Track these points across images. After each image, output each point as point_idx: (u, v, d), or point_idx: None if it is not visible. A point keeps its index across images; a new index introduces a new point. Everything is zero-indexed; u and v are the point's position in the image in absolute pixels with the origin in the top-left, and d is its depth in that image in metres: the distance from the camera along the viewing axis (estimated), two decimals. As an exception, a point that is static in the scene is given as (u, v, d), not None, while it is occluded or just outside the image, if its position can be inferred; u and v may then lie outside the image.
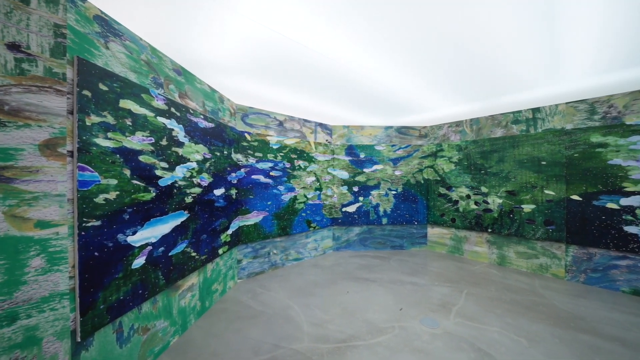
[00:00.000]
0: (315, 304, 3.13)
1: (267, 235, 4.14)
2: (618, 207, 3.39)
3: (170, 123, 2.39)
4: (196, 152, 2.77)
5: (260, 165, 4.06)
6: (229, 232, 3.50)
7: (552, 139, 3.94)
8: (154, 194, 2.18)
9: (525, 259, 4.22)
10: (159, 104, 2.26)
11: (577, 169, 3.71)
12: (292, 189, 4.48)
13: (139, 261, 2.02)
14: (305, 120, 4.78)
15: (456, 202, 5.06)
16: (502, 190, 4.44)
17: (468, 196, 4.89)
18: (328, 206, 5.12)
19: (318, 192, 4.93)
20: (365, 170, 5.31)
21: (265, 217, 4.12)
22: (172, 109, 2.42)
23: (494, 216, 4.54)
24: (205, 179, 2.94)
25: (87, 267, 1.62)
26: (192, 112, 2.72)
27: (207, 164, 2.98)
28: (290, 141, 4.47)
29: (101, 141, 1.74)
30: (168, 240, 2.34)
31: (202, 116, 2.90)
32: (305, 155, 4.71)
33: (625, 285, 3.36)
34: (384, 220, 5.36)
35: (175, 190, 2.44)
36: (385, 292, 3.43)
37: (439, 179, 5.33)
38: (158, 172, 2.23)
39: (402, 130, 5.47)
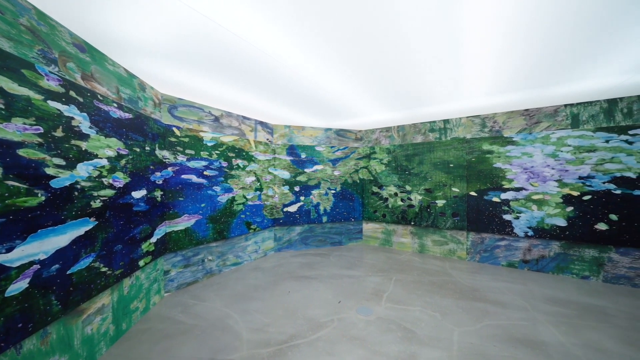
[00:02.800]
0: (256, 308, 3.02)
1: (200, 241, 3.77)
2: (499, 200, 4.38)
3: (69, 110, 1.93)
4: (107, 146, 2.32)
5: (192, 164, 3.67)
6: (153, 239, 3.05)
7: (457, 146, 4.81)
8: (43, 198, 1.72)
9: (439, 246, 5.02)
10: (51, 84, 1.80)
11: (474, 171, 4.62)
12: (229, 190, 4.20)
13: (19, 286, 1.57)
14: (245, 118, 4.55)
15: (386, 199, 5.64)
16: (422, 188, 5.18)
17: (396, 194, 5.52)
18: (269, 206, 5.00)
19: (258, 192, 4.76)
20: (306, 170, 5.39)
21: (199, 220, 3.74)
22: (72, 93, 1.96)
23: (416, 211, 5.25)
24: (120, 179, 2.49)
25: None
26: (101, 98, 2.26)
27: (123, 161, 2.53)
28: (227, 138, 4.18)
29: (-49, 127, 1.28)
30: (66, 254, 1.88)
31: (115, 104, 2.44)
32: (244, 154, 4.48)
33: (504, 260, 4.37)
34: (324, 219, 5.56)
35: (76, 193, 1.98)
36: (326, 288, 3.56)
37: (372, 178, 5.85)
38: (50, 171, 1.77)
39: (341, 133, 5.78)
